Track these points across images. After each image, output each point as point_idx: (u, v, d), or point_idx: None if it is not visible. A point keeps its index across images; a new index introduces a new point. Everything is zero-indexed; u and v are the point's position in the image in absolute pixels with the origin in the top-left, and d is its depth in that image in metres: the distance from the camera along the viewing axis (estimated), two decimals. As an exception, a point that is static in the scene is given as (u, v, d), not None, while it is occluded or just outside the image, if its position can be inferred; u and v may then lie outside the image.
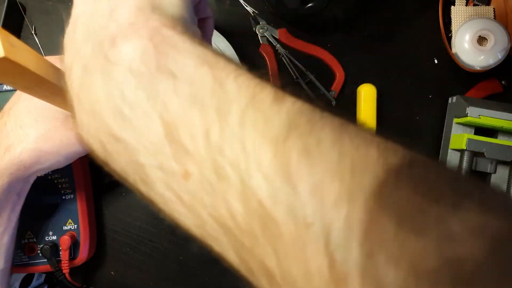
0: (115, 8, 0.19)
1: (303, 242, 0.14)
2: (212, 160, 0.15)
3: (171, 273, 0.48)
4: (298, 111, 0.16)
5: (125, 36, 0.18)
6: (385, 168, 0.14)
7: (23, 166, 0.33)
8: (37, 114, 0.32)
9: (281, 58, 0.48)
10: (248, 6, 0.47)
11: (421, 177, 0.14)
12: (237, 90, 0.16)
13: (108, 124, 0.17)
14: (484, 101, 0.44)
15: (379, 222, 0.13)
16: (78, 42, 0.19)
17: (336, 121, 0.15)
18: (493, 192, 0.16)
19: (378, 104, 0.47)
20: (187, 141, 0.16)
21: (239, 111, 0.16)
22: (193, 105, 0.16)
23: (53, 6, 0.48)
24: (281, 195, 0.14)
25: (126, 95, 0.17)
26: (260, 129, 0.15)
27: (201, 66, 0.17)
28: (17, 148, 0.32)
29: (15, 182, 0.34)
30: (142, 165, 0.17)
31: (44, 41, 0.47)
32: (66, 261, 0.42)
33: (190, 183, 0.16)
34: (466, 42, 0.43)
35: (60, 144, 0.33)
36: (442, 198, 0.13)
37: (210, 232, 0.16)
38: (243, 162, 0.15)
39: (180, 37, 0.18)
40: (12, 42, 0.20)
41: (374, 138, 0.15)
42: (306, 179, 0.14)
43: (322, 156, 0.14)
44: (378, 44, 0.48)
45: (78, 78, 0.19)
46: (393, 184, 0.14)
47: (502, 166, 0.45)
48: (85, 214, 0.43)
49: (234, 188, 0.15)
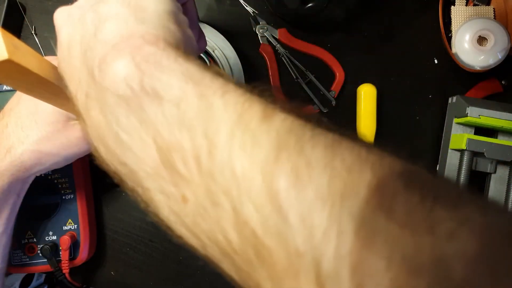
0: (99, 25, 0.19)
1: (295, 271, 0.14)
2: (205, 186, 0.15)
3: (171, 273, 0.48)
4: (287, 130, 0.15)
5: (109, 58, 0.17)
6: (378, 193, 0.13)
7: (24, 167, 0.33)
8: (38, 116, 0.32)
9: (281, 58, 0.48)
10: (248, 6, 0.47)
11: (416, 201, 0.13)
12: (224, 108, 0.16)
13: (112, 149, 0.18)
14: (484, 101, 0.44)
15: (370, 253, 0.13)
16: (76, 69, 0.19)
17: (329, 139, 0.15)
18: (489, 200, 0.16)
19: (378, 104, 0.47)
20: (180, 166, 0.16)
21: (227, 132, 0.15)
22: (182, 128, 0.16)
23: (53, 6, 0.48)
24: (271, 224, 0.14)
25: (121, 121, 0.17)
26: (249, 151, 0.15)
27: (186, 84, 0.16)
28: (18, 149, 0.32)
29: (15, 183, 0.34)
30: (147, 189, 0.17)
31: (44, 41, 0.47)
32: (66, 261, 0.42)
33: (189, 207, 0.16)
34: (466, 42, 0.43)
35: (60, 145, 0.33)
36: (437, 226, 0.13)
37: (212, 254, 0.17)
38: (234, 189, 0.15)
39: (163, 54, 0.17)
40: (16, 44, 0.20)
41: (369, 156, 0.14)
42: (295, 206, 0.14)
43: (312, 181, 0.14)
44: (378, 44, 0.48)
45: (82, 106, 0.19)
46: (386, 211, 0.13)
47: (502, 166, 0.45)
48: (85, 214, 0.43)
49: (228, 215, 0.15)
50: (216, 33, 0.44)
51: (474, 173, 0.45)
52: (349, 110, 0.48)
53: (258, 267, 0.15)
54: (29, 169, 0.33)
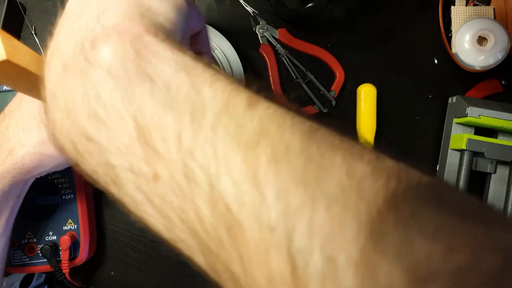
0: (104, 11, 0.19)
1: (266, 246, 0.14)
2: (182, 163, 0.16)
3: (171, 273, 0.48)
4: (270, 117, 0.16)
5: (106, 39, 0.18)
6: (348, 175, 0.14)
7: (25, 169, 0.33)
8: (39, 118, 0.32)
9: (281, 58, 0.48)
10: (248, 6, 0.47)
11: (382, 185, 0.14)
12: (212, 95, 0.16)
13: (81, 124, 0.18)
14: (484, 101, 0.44)
15: (341, 227, 0.13)
16: (60, 38, 0.19)
17: (306, 126, 0.16)
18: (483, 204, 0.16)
19: (378, 104, 0.47)
20: (158, 143, 0.16)
21: (212, 117, 0.16)
22: (168, 109, 0.16)
23: (53, 6, 0.48)
24: (247, 200, 0.14)
25: (102, 97, 0.17)
26: (232, 135, 0.15)
27: (179, 72, 0.17)
28: (19, 152, 0.32)
29: (15, 185, 0.34)
30: (113, 166, 0.17)
31: (44, 41, 0.47)
32: (66, 261, 0.42)
33: (160, 185, 0.16)
34: (466, 42, 0.43)
35: None
36: (400, 205, 0.14)
37: (179, 235, 0.17)
38: (213, 166, 0.15)
39: (160, 44, 0.18)
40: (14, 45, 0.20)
41: (342, 144, 0.15)
42: (273, 184, 0.14)
43: (289, 163, 0.15)
44: (378, 44, 0.48)
45: (56, 75, 0.19)
46: (355, 189, 0.14)
47: (502, 166, 0.45)
48: (85, 214, 0.43)
49: (203, 192, 0.15)
50: (216, 32, 0.44)
51: (474, 173, 0.45)
52: (349, 110, 0.48)
53: (228, 246, 0.15)
54: (30, 171, 0.33)
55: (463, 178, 0.43)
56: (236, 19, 0.48)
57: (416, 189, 0.14)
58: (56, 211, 0.42)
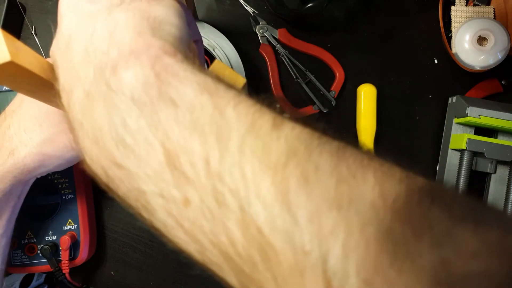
0: (114, 30, 0.19)
1: (301, 269, 0.14)
2: (212, 187, 0.16)
3: (171, 273, 0.48)
4: (296, 137, 0.16)
5: (126, 64, 0.18)
6: (381, 196, 0.14)
7: (27, 170, 0.33)
8: (41, 118, 0.32)
9: (281, 58, 0.48)
10: (248, 6, 0.47)
11: (416, 204, 0.14)
12: (236, 117, 0.16)
13: (110, 152, 0.18)
14: (484, 101, 0.44)
15: (376, 249, 0.13)
16: (77, 64, 0.19)
17: (334, 146, 0.16)
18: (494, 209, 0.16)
19: (378, 104, 0.47)
20: (187, 168, 0.16)
21: (238, 138, 0.16)
22: (194, 133, 0.16)
23: (53, 6, 0.48)
24: (279, 222, 0.14)
25: (128, 124, 0.17)
26: (259, 156, 0.15)
27: (201, 94, 0.17)
28: (21, 152, 0.32)
29: (17, 185, 0.34)
30: (143, 192, 0.17)
31: (44, 41, 0.47)
32: (66, 261, 0.42)
33: (191, 210, 0.16)
34: (466, 42, 0.43)
35: (63, 148, 0.33)
36: (435, 225, 0.14)
37: (211, 258, 0.17)
38: (242, 189, 0.15)
39: (181, 65, 0.18)
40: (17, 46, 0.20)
41: (371, 163, 0.15)
42: (305, 206, 0.14)
43: (320, 184, 0.14)
44: (378, 44, 0.48)
45: (80, 103, 0.19)
46: (389, 210, 0.14)
47: (502, 166, 0.45)
48: (85, 214, 0.43)
49: (234, 215, 0.15)
50: (216, 32, 0.44)
51: (474, 173, 0.45)
52: (349, 110, 0.48)
53: (262, 268, 0.15)
54: (32, 171, 0.33)
55: (463, 178, 0.43)
56: (236, 19, 0.48)
57: (449, 208, 0.14)
58: (56, 211, 0.42)
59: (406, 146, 0.48)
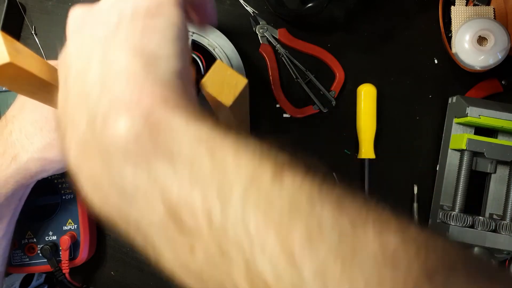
0: (107, 74, 0.18)
1: None
2: (215, 240, 0.16)
3: (171, 273, 0.48)
4: (298, 189, 0.16)
5: (117, 117, 0.17)
6: (381, 246, 0.15)
7: (29, 174, 0.33)
8: (42, 123, 0.33)
9: (281, 58, 0.48)
10: (248, 6, 0.47)
11: (415, 254, 0.15)
12: (236, 169, 0.16)
13: (113, 199, 0.18)
14: (484, 101, 0.44)
15: None
16: (71, 109, 0.19)
17: (334, 196, 0.16)
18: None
19: (378, 104, 0.47)
20: (190, 221, 0.16)
21: (240, 191, 0.16)
22: (194, 186, 0.16)
23: (53, 6, 0.48)
24: (286, 277, 0.15)
25: (126, 176, 0.17)
26: (262, 210, 0.15)
27: (198, 146, 0.17)
28: (23, 157, 0.33)
29: (19, 189, 0.35)
30: (150, 236, 0.17)
31: (44, 41, 0.47)
32: (66, 261, 0.42)
33: (197, 256, 0.16)
34: (466, 42, 0.43)
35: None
36: (433, 276, 0.14)
37: None
38: (246, 243, 0.15)
39: (174, 115, 0.17)
40: (17, 48, 0.20)
41: (370, 214, 0.16)
42: (310, 261, 0.15)
43: (324, 239, 0.15)
44: (378, 44, 0.48)
45: (76, 150, 0.19)
46: (390, 262, 0.14)
47: (502, 166, 0.45)
48: (85, 214, 0.43)
49: (239, 267, 0.15)
50: (216, 32, 0.44)
51: (474, 173, 0.45)
52: (349, 110, 0.48)
53: None
54: (34, 176, 0.34)
55: (463, 178, 0.43)
56: (236, 19, 0.48)
57: (443, 257, 0.15)
58: (56, 211, 0.42)
59: (406, 146, 0.48)
